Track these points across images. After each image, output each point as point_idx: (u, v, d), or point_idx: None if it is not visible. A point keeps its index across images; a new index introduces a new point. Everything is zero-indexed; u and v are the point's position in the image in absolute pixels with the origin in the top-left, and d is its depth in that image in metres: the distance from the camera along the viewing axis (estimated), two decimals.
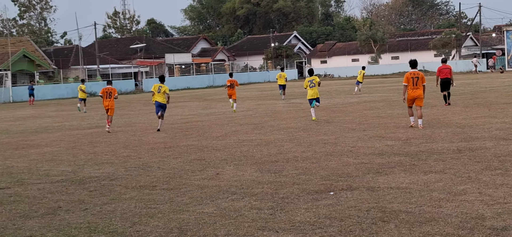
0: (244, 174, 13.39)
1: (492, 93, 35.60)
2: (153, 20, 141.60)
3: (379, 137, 18.33)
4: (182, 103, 44.63)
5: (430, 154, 14.53)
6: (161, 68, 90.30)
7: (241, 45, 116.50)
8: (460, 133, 18.16)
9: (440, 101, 30.90)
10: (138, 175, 14.06)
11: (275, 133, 20.94)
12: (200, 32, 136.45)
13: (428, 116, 23.61)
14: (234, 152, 16.72)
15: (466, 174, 11.99)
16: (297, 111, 30.46)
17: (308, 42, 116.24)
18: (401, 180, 11.82)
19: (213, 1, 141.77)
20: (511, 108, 25.10)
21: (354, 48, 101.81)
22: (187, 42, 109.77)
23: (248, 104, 38.54)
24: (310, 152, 16.02)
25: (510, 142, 15.69)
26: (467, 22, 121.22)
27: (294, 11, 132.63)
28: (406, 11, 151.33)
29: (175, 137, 21.45)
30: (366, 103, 33.29)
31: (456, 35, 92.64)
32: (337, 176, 12.52)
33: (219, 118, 28.69)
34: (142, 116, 33.39)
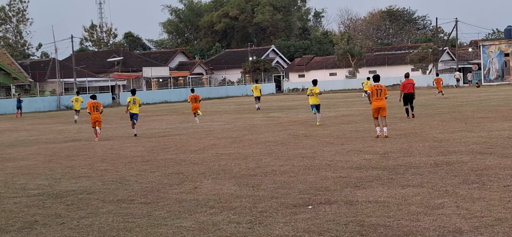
0: (222, 188, 13.37)
1: (468, 107, 35.81)
2: (131, 33, 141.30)
3: (357, 151, 18.37)
4: (159, 116, 44.53)
5: (408, 168, 14.58)
6: (139, 82, 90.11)
7: (219, 58, 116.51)
8: (437, 147, 18.24)
9: (417, 116, 31.06)
10: (115, 189, 13.99)
11: (253, 147, 20.93)
12: (178, 45, 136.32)
13: (405, 130, 23.72)
14: (212, 166, 16.69)
15: (443, 188, 12.04)
16: (275, 125, 30.47)
17: (286, 56, 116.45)
18: (379, 194, 11.84)
19: (191, 14, 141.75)
20: (488, 122, 25.25)
21: (331, 62, 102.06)
22: (164, 56, 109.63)
23: (226, 117, 38.52)
24: (288, 166, 16.02)
25: (487, 156, 15.78)
26: (443, 37, 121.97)
27: (272, 25, 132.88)
28: (384, 26, 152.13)
29: (153, 151, 21.39)
30: (344, 117, 33.38)
31: (433, 50, 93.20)
32: (316, 190, 12.53)
33: (197, 132, 28.64)
34: (119, 129, 33.27)
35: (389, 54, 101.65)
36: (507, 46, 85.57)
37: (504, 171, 13.51)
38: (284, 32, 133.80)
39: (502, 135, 20.47)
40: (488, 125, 24.05)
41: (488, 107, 34.68)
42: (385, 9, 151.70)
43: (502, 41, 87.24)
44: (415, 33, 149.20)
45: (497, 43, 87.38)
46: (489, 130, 22.14)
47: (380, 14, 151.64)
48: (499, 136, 20.24)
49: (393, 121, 28.39)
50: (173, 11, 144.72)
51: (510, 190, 11.55)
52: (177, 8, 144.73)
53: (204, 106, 58.99)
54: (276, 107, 49.15)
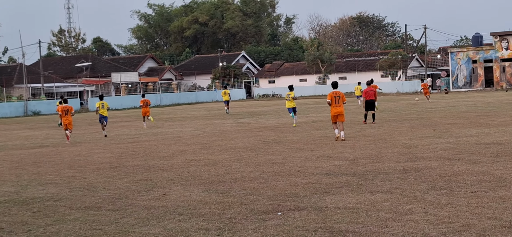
0: (191, 194, 13.30)
1: (437, 113, 36.03)
2: (99, 38, 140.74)
3: (327, 157, 18.38)
4: (128, 122, 44.32)
5: (377, 174, 14.61)
6: (107, 87, 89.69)
7: (189, 64, 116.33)
8: (406, 153, 18.31)
9: (386, 122, 31.25)
10: (83, 195, 13.86)
11: (222, 153, 20.87)
12: (148, 51, 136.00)
13: (374, 136, 23.80)
14: (181, 172, 16.60)
15: (412, 194, 12.07)
16: (245, 131, 30.44)
17: (256, 62, 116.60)
18: (348, 200, 11.84)
19: (160, 20, 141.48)
20: (456, 129, 25.41)
21: (302, 68, 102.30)
22: (134, 61, 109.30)
23: (196, 123, 38.41)
24: (258, 172, 15.98)
25: (455, 162, 15.86)
26: (413, 44, 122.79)
27: (242, 31, 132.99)
28: (354, 32, 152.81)
29: (121, 157, 21.25)
30: (314, 123, 33.42)
31: (402, 56, 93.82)
32: (285, 196, 12.50)
33: (166, 138, 28.52)
34: (87, 135, 33.05)
35: (359, 60, 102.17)
36: (475, 53, 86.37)
37: (471, 177, 13.58)
38: (254, 38, 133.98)
39: (470, 141, 20.60)
40: (456, 131, 24.20)
41: (456, 114, 34.93)
42: (355, 15, 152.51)
43: (470, 48, 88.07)
44: (385, 40, 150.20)
45: (465, 50, 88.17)
46: (457, 136, 22.27)
47: (350, 20, 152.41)
48: (467, 142, 20.37)
49: (362, 127, 28.51)
50: (142, 16, 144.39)
51: (477, 196, 11.60)
52: (146, 14, 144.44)
53: (173, 111, 58.84)
54: (246, 113, 49.13)
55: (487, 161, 15.88)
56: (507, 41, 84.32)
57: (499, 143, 19.56)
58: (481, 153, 17.49)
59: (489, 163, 15.52)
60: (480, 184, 12.76)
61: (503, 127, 24.92)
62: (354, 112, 39.38)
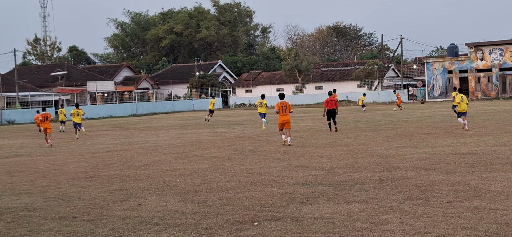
0: (167, 204, 13.23)
1: (413, 123, 36.19)
2: (75, 47, 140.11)
3: (303, 166, 18.37)
4: (104, 131, 44.12)
5: (353, 184, 14.62)
6: (83, 96, 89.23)
7: (165, 73, 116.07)
8: (382, 163, 18.34)
9: (362, 131, 31.34)
10: (57, 205, 13.75)
11: (199, 163, 20.81)
12: (124, 60, 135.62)
13: (351, 146, 23.84)
14: (157, 182, 16.52)
15: (388, 204, 12.08)
16: (222, 140, 30.39)
17: (233, 71, 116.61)
18: (325, 210, 11.83)
19: (137, 28, 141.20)
20: (432, 139, 25.51)
21: (278, 78, 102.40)
22: (110, 70, 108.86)
23: (172, 133, 38.30)
24: (235, 182, 15.94)
25: (431, 172, 15.90)
26: (389, 54, 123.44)
27: (218, 40, 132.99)
28: (330, 42, 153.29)
29: (97, 167, 21.12)
30: (291, 132, 33.39)
31: (378, 66, 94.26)
32: (261, 206, 12.47)
33: (142, 147, 28.41)
34: (62, 145, 32.85)
35: (336, 70, 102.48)
36: (451, 63, 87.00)
37: (447, 187, 13.62)
38: (230, 47, 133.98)
39: (445, 151, 20.68)
40: (432, 141, 24.30)
41: (432, 124, 35.07)
42: (332, 25, 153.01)
43: (446, 59, 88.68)
44: (361, 50, 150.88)
45: (441, 60, 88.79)
46: (433, 146, 22.36)
47: (327, 30, 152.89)
48: (443, 152, 20.45)
49: (339, 137, 28.56)
50: (119, 25, 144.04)
51: (453, 206, 11.64)
52: (123, 22, 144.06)
53: (149, 121, 58.65)
54: (223, 122, 49.06)
55: (462, 171, 15.95)
56: (482, 51, 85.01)
57: (474, 153, 19.65)
58: (457, 163, 17.56)
59: (465, 173, 15.59)
60: (456, 194, 12.80)
61: (478, 137, 25.05)
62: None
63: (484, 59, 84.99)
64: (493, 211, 11.09)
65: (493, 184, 13.83)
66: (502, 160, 17.78)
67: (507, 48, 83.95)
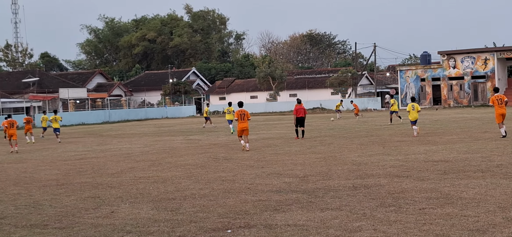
0: (140, 212, 13.16)
1: (386, 131, 36.33)
2: (47, 53, 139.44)
3: (277, 174, 18.36)
4: (76, 139, 43.86)
5: (327, 191, 14.62)
6: (55, 103, 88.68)
7: (138, 80, 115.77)
8: (355, 170, 18.38)
9: (336, 139, 31.43)
10: (28, 213, 13.62)
11: (172, 170, 20.74)
12: (97, 66, 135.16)
13: (324, 154, 23.88)
14: (130, 190, 16.44)
15: (361, 211, 12.10)
16: (195, 147, 30.32)
17: (207, 79, 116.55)
18: (299, 217, 11.82)
19: (110, 34, 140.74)
20: (405, 146, 25.62)
21: (252, 85, 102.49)
22: (82, 77, 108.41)
23: (145, 140, 38.16)
24: (208, 189, 15.89)
25: (404, 179, 15.95)
26: (363, 61, 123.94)
27: (191, 47, 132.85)
28: (304, 49, 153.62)
29: (69, 174, 20.98)
30: (264, 140, 33.43)
31: (352, 74, 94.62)
32: (235, 214, 12.44)
33: (115, 155, 28.26)
34: (34, 152, 32.61)
35: (309, 78, 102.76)
36: (424, 71, 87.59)
37: (420, 194, 13.67)
38: (204, 55, 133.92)
39: (418, 158, 20.77)
40: (405, 149, 24.40)
41: (405, 131, 35.24)
42: (306, 33, 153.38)
43: (419, 66, 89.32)
44: (335, 57, 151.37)
45: (414, 68, 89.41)
46: (406, 154, 22.45)
47: (301, 37, 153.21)
48: (416, 159, 20.54)
49: (312, 145, 28.60)
50: (92, 30, 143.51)
51: (425, 213, 11.67)
52: (96, 28, 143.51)
53: (122, 128, 58.39)
54: (197, 129, 48.96)
55: (435, 178, 16.01)
56: (454, 60, 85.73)
57: (446, 161, 19.76)
58: (429, 170, 17.63)
59: (437, 180, 15.65)
60: (428, 201, 12.84)
61: (451, 145, 25.19)
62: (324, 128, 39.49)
63: (456, 67, 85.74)
64: (464, 218, 11.14)
65: (465, 191, 13.90)
66: (474, 167, 17.88)
67: (479, 56, 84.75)
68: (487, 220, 10.93)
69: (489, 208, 11.87)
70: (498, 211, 11.56)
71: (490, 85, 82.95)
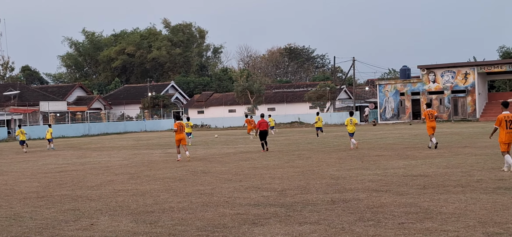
0: (119, 224, 13.17)
1: (365, 145, 36.44)
2: (28, 67, 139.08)
3: (255, 187, 18.40)
4: (56, 152, 43.72)
5: (305, 205, 14.67)
6: (36, 116, 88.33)
7: (118, 93, 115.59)
8: (334, 184, 18.44)
9: (314, 153, 31.51)
10: (9, 225, 13.60)
11: (151, 183, 20.74)
12: (77, 79, 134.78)
13: (303, 168, 23.93)
14: (109, 202, 16.43)
15: (340, 225, 12.15)
16: (174, 161, 30.31)
17: (185, 92, 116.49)
18: (277, 231, 11.87)
19: (91, 48, 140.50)
20: (383, 160, 25.73)
21: (231, 99, 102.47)
22: (62, 90, 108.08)
23: (124, 153, 38.10)
24: (186, 202, 15.92)
25: (382, 194, 16.03)
26: (341, 76, 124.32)
27: (170, 61, 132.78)
28: (283, 63, 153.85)
29: (49, 187, 20.93)
30: (243, 154, 33.47)
31: (330, 88, 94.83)
32: (213, 227, 12.47)
33: (94, 168, 28.21)
34: (14, 164, 32.48)
35: (288, 92, 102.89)
36: (403, 85, 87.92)
37: (399, 209, 13.73)
38: (183, 68, 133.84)
39: (397, 173, 20.87)
40: (384, 163, 24.51)
41: (384, 145, 35.38)
42: (284, 46, 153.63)
43: (398, 81, 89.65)
44: (314, 71, 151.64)
45: (393, 83, 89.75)
46: (384, 168, 22.55)
47: (279, 51, 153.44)
48: (395, 174, 20.64)
49: (291, 159, 28.66)
50: (73, 43, 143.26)
51: (404, 228, 11.74)
52: (77, 41, 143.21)
53: (102, 141, 58.22)
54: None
55: (414, 193, 16.08)
56: (434, 74, 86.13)
57: (425, 175, 19.85)
58: (408, 184, 17.71)
59: (416, 195, 15.72)
60: (407, 216, 12.90)
61: (430, 159, 25.32)
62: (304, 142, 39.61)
63: (436, 82, 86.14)
64: (444, 233, 11.20)
65: (445, 205, 13.97)
66: (454, 182, 17.98)
67: (459, 70, 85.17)
68: (467, 235, 10.98)
69: (469, 223, 11.94)
70: (478, 226, 11.62)
71: (470, 100, 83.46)
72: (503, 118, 20.13)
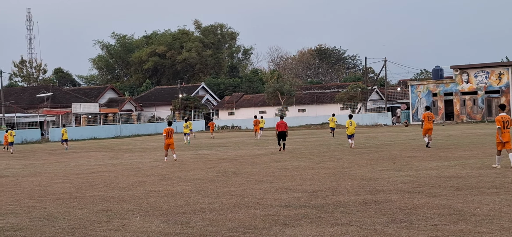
0: (150, 225, 13.20)
1: (396, 146, 36.23)
2: (61, 69, 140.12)
3: (286, 189, 18.36)
4: (88, 153, 43.97)
5: (337, 207, 14.61)
6: (68, 118, 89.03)
7: (149, 95, 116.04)
8: (366, 186, 18.35)
9: (345, 154, 31.41)
10: (43, 225, 13.69)
11: (182, 184, 20.77)
12: (108, 81, 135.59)
13: (334, 169, 23.85)
14: (141, 203, 16.48)
15: (372, 227, 12.08)
16: (204, 162, 30.36)
17: (216, 94, 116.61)
18: (308, 232, 11.82)
19: (122, 50, 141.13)
20: (416, 162, 25.55)
21: (261, 100, 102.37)
22: (94, 92, 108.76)
23: (155, 154, 38.23)
24: (217, 203, 15.92)
25: (415, 195, 15.91)
26: (373, 76, 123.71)
27: (200, 62, 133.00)
28: (313, 64, 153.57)
29: (81, 188, 21.05)
30: (273, 155, 33.43)
31: (362, 89, 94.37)
32: (244, 228, 12.46)
33: (125, 169, 28.33)
34: (47, 165, 32.73)
35: (319, 93, 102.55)
36: (435, 86, 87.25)
37: (432, 210, 13.62)
38: (213, 69, 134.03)
39: (430, 174, 20.71)
40: (416, 164, 24.34)
41: (416, 147, 35.13)
42: (315, 47, 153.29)
43: (431, 81, 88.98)
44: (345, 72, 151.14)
45: (426, 83, 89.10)
46: (417, 170, 22.39)
47: (310, 52, 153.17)
48: (427, 175, 20.48)
49: (322, 160, 28.58)
50: (104, 46, 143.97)
51: (437, 229, 11.64)
52: (108, 44, 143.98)
53: (133, 142, 58.48)
54: (206, 144, 49.00)
55: (447, 194, 15.95)
56: (467, 74, 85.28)
57: (459, 177, 19.68)
58: (441, 186, 17.57)
59: (450, 196, 15.59)
60: (441, 218, 12.80)
61: (463, 161, 25.11)
62: (324, 144, 39.50)
63: (469, 82, 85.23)
64: (478, 235, 11.09)
65: (479, 207, 13.83)
66: (488, 183, 17.80)
67: (493, 71, 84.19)
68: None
69: (504, 225, 11.80)
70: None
71: (505, 100, 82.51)
72: (501, 119, 22.70)
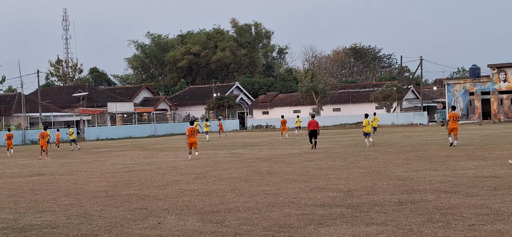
0: (185, 224, 13.24)
1: (432, 146, 35.98)
2: (96, 68, 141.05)
3: (321, 188, 18.32)
4: (123, 152, 44.23)
5: (372, 206, 14.54)
6: (103, 117, 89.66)
7: (183, 95, 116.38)
8: (401, 185, 18.24)
9: (381, 154, 31.27)
10: (79, 223, 13.80)
11: (216, 183, 20.81)
12: (143, 81, 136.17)
13: (369, 168, 23.74)
14: (176, 202, 16.54)
15: (408, 227, 12.01)
16: (239, 161, 30.40)
17: (250, 93, 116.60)
18: (343, 231, 11.78)
19: (156, 50, 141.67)
20: (452, 161, 25.34)
21: (295, 100, 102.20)
22: (129, 91, 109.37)
23: None
24: (252, 202, 15.92)
25: (451, 195, 15.78)
26: (409, 75, 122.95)
27: (235, 62, 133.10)
28: (348, 63, 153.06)
29: (117, 186, 21.18)
30: (307, 154, 33.37)
31: (397, 88, 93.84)
32: (279, 227, 12.44)
33: (160, 168, 28.45)
34: (84, 164, 32.99)
35: (353, 92, 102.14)
36: (472, 85, 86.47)
37: (469, 210, 13.51)
38: (248, 69, 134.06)
39: (466, 174, 20.53)
40: (453, 164, 24.14)
41: (453, 146, 34.82)
42: (350, 46, 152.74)
43: (467, 80, 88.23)
44: (380, 71, 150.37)
45: (462, 82, 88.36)
46: (453, 169, 22.21)
47: (344, 51, 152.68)
48: (464, 175, 20.30)
49: (357, 159, 28.47)
50: (139, 46, 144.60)
51: (475, 230, 11.53)
52: (143, 43, 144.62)
53: (168, 142, 58.73)
54: (240, 143, 49.05)
55: (484, 194, 15.79)
56: (505, 73, 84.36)
57: (496, 176, 19.48)
58: (479, 186, 17.41)
59: (487, 196, 15.44)
60: (478, 218, 12.68)
61: (501, 160, 24.83)
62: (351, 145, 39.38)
63: (507, 81, 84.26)
64: None
65: None
66: None
67: None
68: None
69: None
70: None
71: None
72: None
